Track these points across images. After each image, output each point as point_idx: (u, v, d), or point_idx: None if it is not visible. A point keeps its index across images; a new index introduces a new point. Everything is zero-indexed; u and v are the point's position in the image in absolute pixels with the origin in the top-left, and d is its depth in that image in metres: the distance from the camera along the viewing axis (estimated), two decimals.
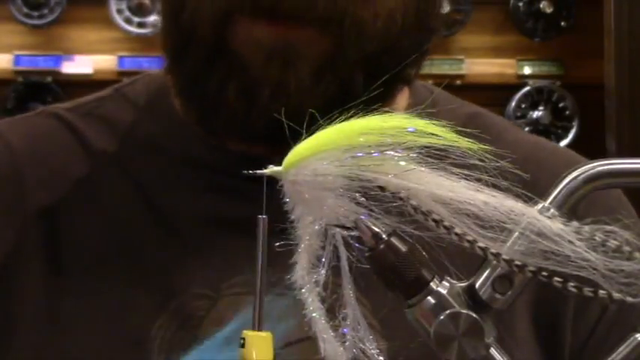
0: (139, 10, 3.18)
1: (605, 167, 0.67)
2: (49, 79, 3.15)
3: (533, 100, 3.22)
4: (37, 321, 0.88)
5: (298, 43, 0.82)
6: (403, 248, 0.64)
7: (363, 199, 0.63)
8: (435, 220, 0.62)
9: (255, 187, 0.65)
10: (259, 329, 0.64)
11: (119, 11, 3.17)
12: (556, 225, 0.62)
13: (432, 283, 0.65)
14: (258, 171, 0.64)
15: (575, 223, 0.62)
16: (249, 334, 0.64)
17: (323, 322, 0.64)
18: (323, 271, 0.63)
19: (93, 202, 0.91)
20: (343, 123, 0.63)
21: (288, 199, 0.63)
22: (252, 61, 0.82)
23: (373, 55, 0.84)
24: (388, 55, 0.84)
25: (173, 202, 0.90)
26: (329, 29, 0.82)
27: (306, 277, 0.64)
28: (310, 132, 0.63)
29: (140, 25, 3.17)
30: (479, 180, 0.63)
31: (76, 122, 0.95)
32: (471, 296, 0.66)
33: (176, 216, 0.90)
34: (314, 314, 0.64)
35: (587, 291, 0.62)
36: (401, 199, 0.63)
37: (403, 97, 0.94)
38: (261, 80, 0.82)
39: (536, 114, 3.21)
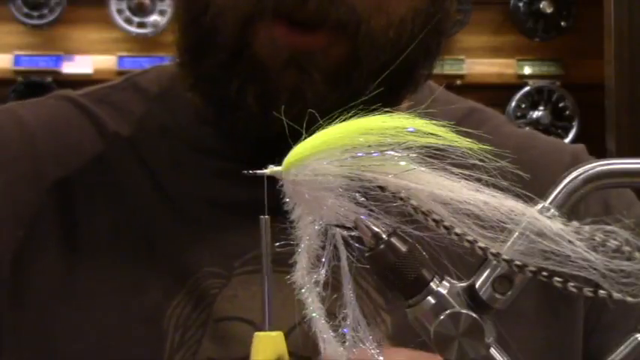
0: (139, 10, 3.18)
1: (605, 167, 0.67)
2: (49, 79, 3.15)
3: (533, 100, 3.23)
4: (51, 296, 0.89)
5: (315, 50, 0.84)
6: (403, 248, 0.64)
7: (363, 199, 0.63)
8: (435, 220, 0.62)
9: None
10: (269, 329, 0.65)
11: (119, 11, 3.17)
12: (556, 225, 0.62)
13: (432, 283, 0.65)
14: (259, 171, 0.65)
15: (575, 223, 0.62)
16: (259, 334, 0.64)
17: (323, 322, 0.64)
18: (323, 271, 0.64)
19: (106, 181, 0.93)
20: (343, 123, 0.63)
21: (288, 199, 0.63)
22: (271, 65, 0.84)
23: (385, 64, 0.84)
24: (398, 63, 0.84)
25: (184, 185, 0.92)
26: (345, 36, 0.84)
27: (306, 277, 0.64)
28: (310, 132, 0.63)
29: (140, 25, 3.17)
30: (479, 180, 0.63)
31: (89, 105, 0.97)
32: (471, 296, 0.66)
33: (187, 199, 0.92)
34: (314, 314, 0.64)
35: (587, 291, 0.62)
36: (401, 199, 0.63)
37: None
38: (279, 85, 0.84)
39: (536, 114, 3.22)
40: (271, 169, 0.64)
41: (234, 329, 0.87)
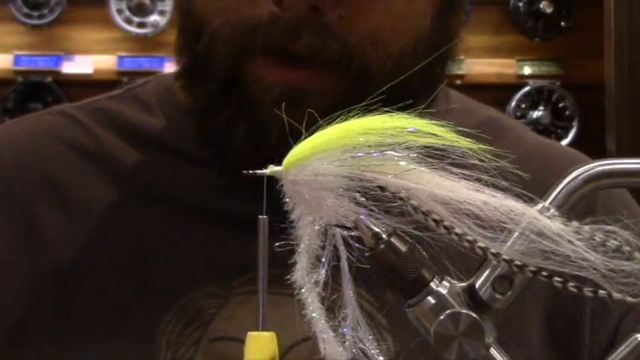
0: (139, 10, 3.18)
1: (605, 167, 0.67)
2: (49, 79, 3.15)
3: (533, 100, 3.22)
4: (44, 322, 0.88)
5: (307, 85, 0.82)
6: (403, 248, 0.64)
7: (363, 199, 0.63)
8: (435, 220, 0.63)
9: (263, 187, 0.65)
10: (263, 329, 0.65)
11: (119, 11, 3.17)
12: (556, 225, 0.62)
13: (432, 283, 0.65)
14: (259, 171, 0.64)
15: (575, 223, 0.62)
16: (252, 334, 0.64)
17: (323, 322, 0.64)
18: (323, 271, 0.63)
19: (101, 199, 0.91)
20: (343, 123, 0.63)
21: (288, 199, 0.63)
22: (261, 103, 0.83)
23: (383, 97, 0.83)
24: (398, 93, 0.82)
25: (181, 200, 0.91)
26: (338, 72, 0.82)
27: (306, 277, 0.64)
28: (310, 132, 0.63)
29: (140, 25, 3.17)
30: (479, 180, 0.63)
31: (85, 119, 0.95)
32: (471, 296, 0.66)
33: (186, 214, 0.90)
34: (314, 314, 0.64)
35: (587, 291, 0.62)
36: (401, 199, 0.63)
37: None
38: (270, 123, 0.82)
39: (536, 114, 3.21)
40: (271, 169, 0.64)
41: (230, 349, 0.86)
